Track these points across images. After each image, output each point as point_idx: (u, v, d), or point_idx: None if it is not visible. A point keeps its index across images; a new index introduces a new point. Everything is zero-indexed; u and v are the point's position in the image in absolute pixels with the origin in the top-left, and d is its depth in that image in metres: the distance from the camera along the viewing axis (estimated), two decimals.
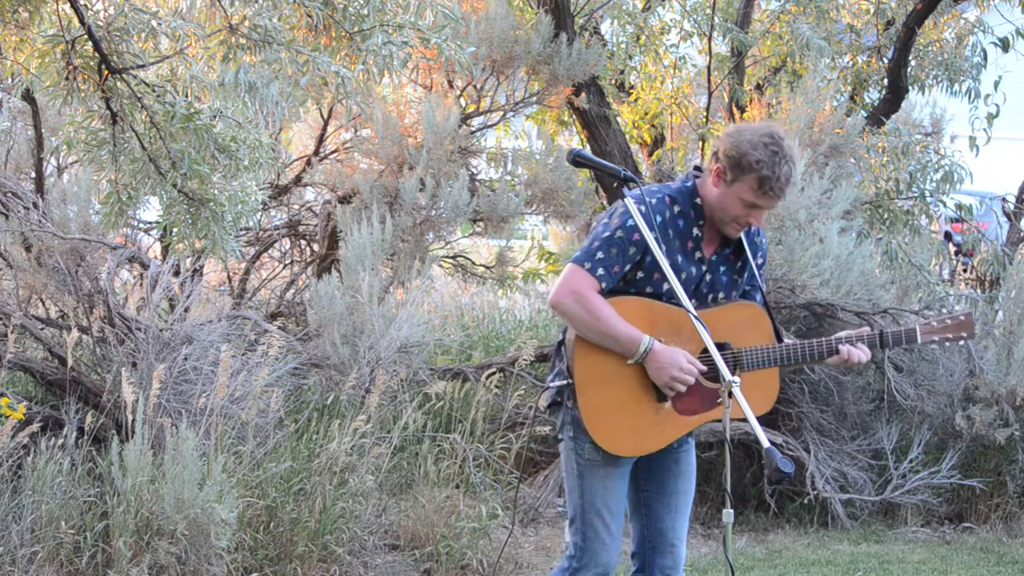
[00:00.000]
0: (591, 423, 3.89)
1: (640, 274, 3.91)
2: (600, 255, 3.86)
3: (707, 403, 3.96)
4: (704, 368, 3.91)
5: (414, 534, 6.08)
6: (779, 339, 4.04)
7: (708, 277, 3.99)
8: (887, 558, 6.63)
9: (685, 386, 3.87)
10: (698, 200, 3.97)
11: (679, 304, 3.87)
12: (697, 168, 4.09)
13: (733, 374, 3.89)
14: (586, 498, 3.96)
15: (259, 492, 5.61)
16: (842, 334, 4.07)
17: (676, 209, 3.94)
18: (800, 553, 6.71)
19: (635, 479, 4.08)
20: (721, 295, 4.03)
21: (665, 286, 3.88)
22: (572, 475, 3.99)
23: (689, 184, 4.00)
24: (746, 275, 4.06)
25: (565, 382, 3.92)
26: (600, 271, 3.84)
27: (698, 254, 3.96)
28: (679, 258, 3.92)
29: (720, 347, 3.92)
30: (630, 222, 3.85)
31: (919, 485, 7.14)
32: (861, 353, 4.00)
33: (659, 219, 3.89)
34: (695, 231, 3.96)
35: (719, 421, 3.90)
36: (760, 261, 4.11)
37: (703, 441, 7.30)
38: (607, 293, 3.88)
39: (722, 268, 4.02)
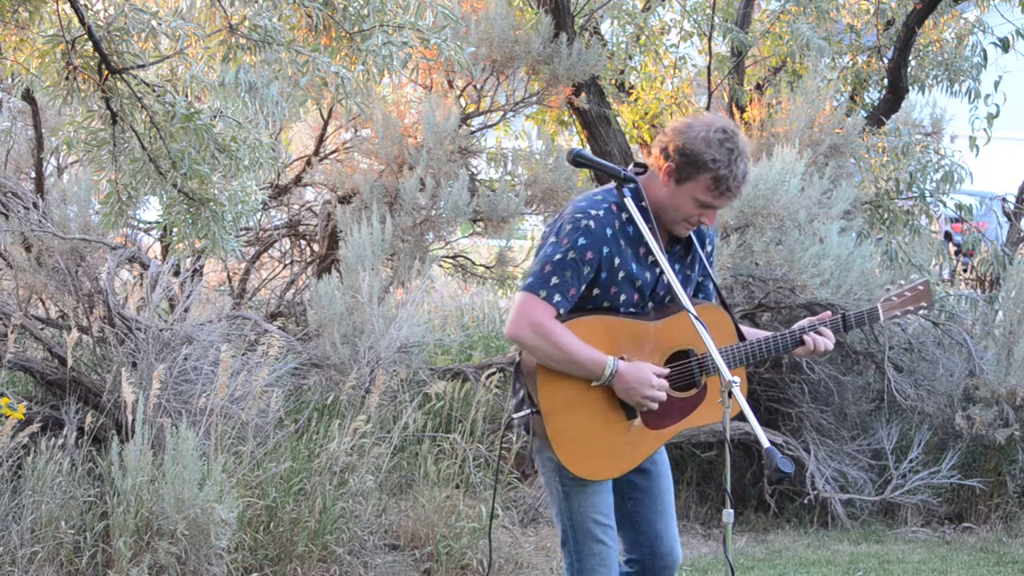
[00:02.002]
0: (562, 451, 3.78)
1: (596, 291, 3.79)
2: (555, 280, 3.71)
3: (677, 414, 3.88)
4: (666, 373, 3.83)
5: (414, 534, 6.08)
6: (740, 336, 3.95)
7: (664, 279, 3.86)
8: (887, 558, 6.63)
9: (654, 405, 3.78)
10: (644, 203, 3.81)
11: (635, 315, 3.82)
12: (638, 165, 3.92)
13: (702, 379, 3.88)
14: (576, 519, 3.87)
15: (259, 492, 5.61)
16: (804, 322, 3.98)
17: (624, 216, 3.79)
18: (800, 553, 6.71)
19: (618, 489, 4.00)
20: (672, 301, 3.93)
21: (622, 297, 3.79)
22: (558, 497, 3.90)
23: (631, 187, 3.82)
24: (697, 268, 3.97)
25: (531, 411, 3.80)
26: (557, 297, 3.70)
27: (651, 258, 3.81)
28: (634, 266, 3.80)
29: (684, 354, 3.88)
30: (581, 241, 3.72)
31: (919, 485, 7.14)
32: (826, 340, 3.92)
33: (610, 232, 3.75)
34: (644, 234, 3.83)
35: (706, 426, 3.87)
36: (709, 249, 4.01)
37: (703, 441, 7.30)
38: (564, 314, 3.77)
39: (675, 266, 3.90)
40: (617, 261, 3.78)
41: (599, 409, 3.79)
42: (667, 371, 3.84)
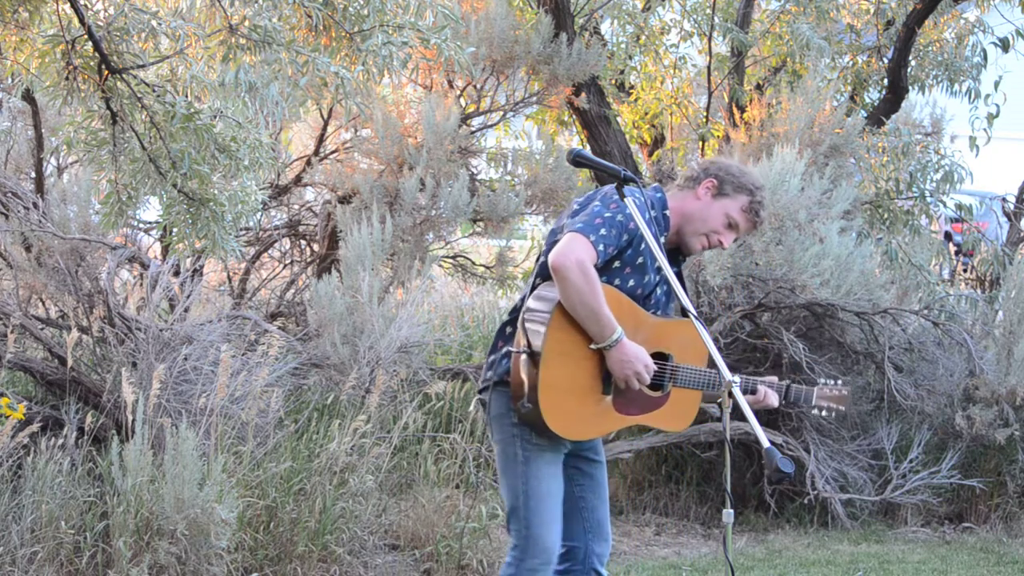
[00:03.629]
0: (543, 393, 3.89)
1: (617, 263, 3.97)
2: (603, 232, 3.88)
3: (641, 407, 4.03)
4: (655, 370, 3.99)
5: (414, 534, 6.08)
6: (710, 363, 4.09)
7: (659, 291, 4.10)
8: (887, 558, 6.63)
9: (639, 385, 3.93)
10: (667, 211, 4.09)
11: (643, 305, 4.00)
12: (660, 182, 4.23)
13: (668, 386, 4.03)
14: (531, 484, 3.98)
15: (259, 492, 5.61)
16: (761, 380, 4.24)
17: (653, 213, 4.03)
18: (800, 553, 6.71)
19: (567, 477, 4.13)
20: (659, 311, 4.12)
21: (630, 282, 3.98)
22: (515, 462, 4.00)
23: (660, 195, 4.10)
24: (673, 303, 4.17)
25: (526, 351, 3.91)
26: (601, 247, 3.87)
27: (657, 263, 4.02)
28: (649, 261, 4.01)
29: (661, 356, 4.02)
30: (627, 211, 3.91)
31: (919, 485, 7.14)
32: (770, 400, 4.18)
33: (646, 217, 3.96)
34: (661, 239, 4.07)
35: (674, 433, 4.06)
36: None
37: (703, 441, 7.31)
38: None
39: (665, 287, 4.12)
40: (643, 246, 3.97)
41: (586, 371, 3.94)
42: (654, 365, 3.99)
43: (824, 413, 4.32)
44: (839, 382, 4.30)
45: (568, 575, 4.15)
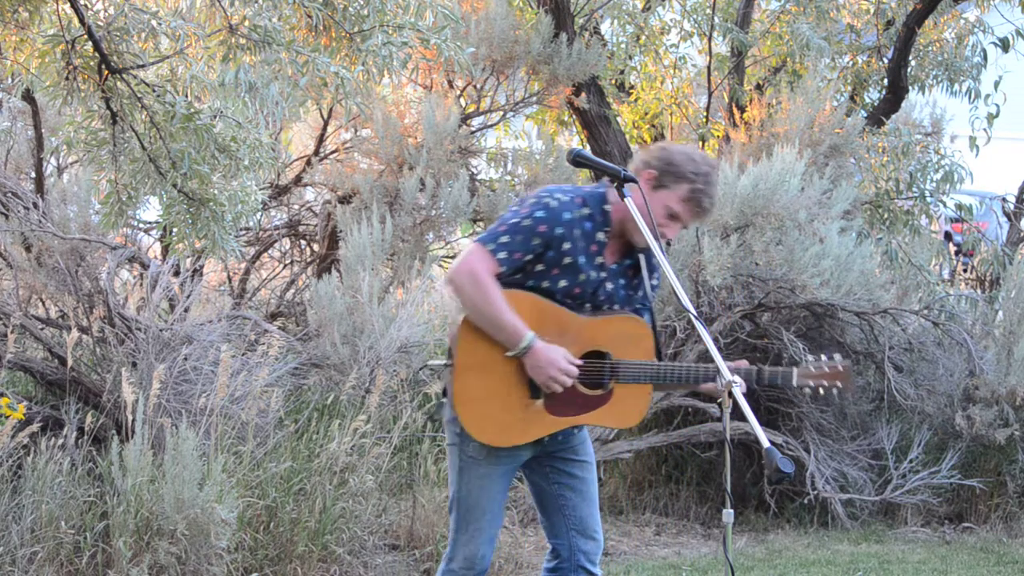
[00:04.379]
0: (462, 406, 3.93)
1: (540, 266, 3.93)
2: (505, 239, 3.87)
3: (578, 408, 3.99)
4: (576, 372, 3.93)
5: (414, 534, 6.08)
6: (659, 356, 4.08)
7: (608, 286, 4.02)
8: (887, 558, 6.63)
9: (562, 387, 3.90)
10: (607, 206, 4.00)
11: (570, 306, 3.94)
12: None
13: (609, 384, 3.97)
14: (463, 493, 4.04)
15: (259, 492, 5.61)
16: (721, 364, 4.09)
17: (585, 211, 3.96)
18: (800, 553, 6.71)
19: (543, 477, 4.14)
20: (616, 307, 4.06)
21: (561, 283, 3.94)
22: (454, 469, 4.08)
23: (601, 190, 4.04)
24: (640, 294, 4.11)
25: (446, 363, 3.98)
26: (502, 254, 3.86)
27: (599, 259, 3.98)
28: (581, 259, 3.95)
29: (599, 355, 3.97)
30: (538, 213, 3.88)
31: (919, 485, 7.14)
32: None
33: (567, 216, 3.91)
34: (600, 235, 3.99)
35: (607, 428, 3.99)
36: (655, 282, 4.16)
37: (703, 441, 7.31)
38: (503, 285, 3.91)
39: (621, 280, 4.06)
40: (566, 246, 3.91)
41: (507, 379, 3.92)
42: (579, 363, 3.94)
43: (822, 392, 4.09)
44: (833, 357, 4.11)
45: (557, 572, 4.16)
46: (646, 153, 4.04)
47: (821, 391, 4.11)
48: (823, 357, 4.11)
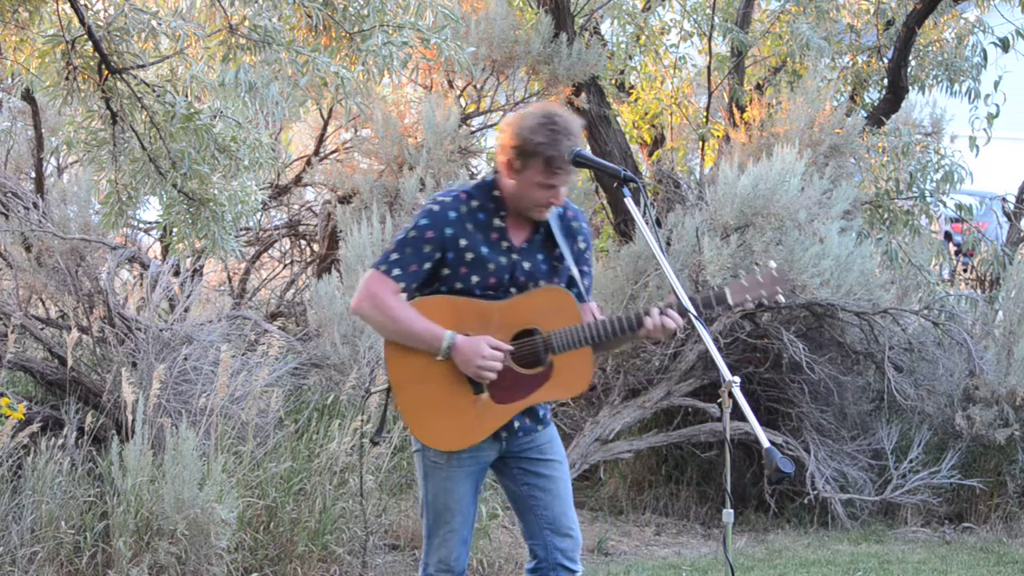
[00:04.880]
0: (412, 422, 3.98)
1: (446, 270, 3.95)
2: (395, 256, 3.92)
3: (524, 389, 3.99)
4: (510, 349, 3.94)
5: (414, 534, 6.08)
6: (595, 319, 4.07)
7: (525, 265, 4.02)
8: (887, 558, 6.63)
9: (494, 372, 3.92)
10: (496, 192, 4.01)
11: (493, 296, 3.96)
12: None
13: (547, 357, 3.96)
14: (429, 498, 4.08)
15: (259, 492, 5.61)
16: (652, 308, 4.07)
17: (473, 204, 3.98)
18: (800, 553, 6.71)
19: (512, 478, 4.16)
20: (542, 282, 4.06)
21: (474, 279, 3.96)
22: (420, 475, 4.13)
23: (489, 179, 4.06)
24: (566, 259, 4.08)
25: (386, 387, 4.03)
26: (396, 271, 3.90)
27: (504, 243, 3.99)
28: (484, 249, 3.97)
29: (528, 333, 3.98)
30: (422, 221, 3.93)
31: (919, 485, 7.14)
32: (671, 321, 3.98)
33: (453, 215, 3.94)
34: (496, 222, 4.00)
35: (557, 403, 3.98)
36: (583, 245, 4.14)
37: (703, 441, 7.31)
38: (414, 294, 3.96)
39: (539, 256, 4.05)
40: (463, 242, 3.94)
41: (446, 383, 3.95)
42: (508, 347, 3.95)
43: (765, 303, 4.02)
44: (767, 264, 4.07)
45: (537, 573, 4.18)
46: (499, 137, 4.01)
47: (764, 302, 4.06)
48: (755, 268, 4.08)
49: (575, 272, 4.07)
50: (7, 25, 4.55)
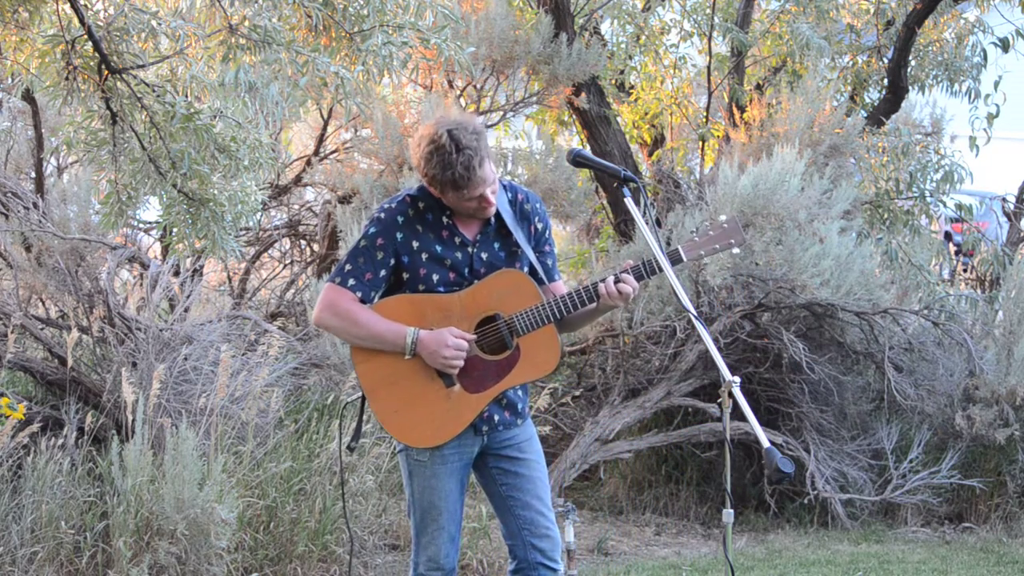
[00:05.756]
0: (388, 423, 4.02)
1: (406, 275, 4.01)
2: (348, 267, 3.98)
3: (495, 376, 4.02)
4: (473, 338, 3.98)
5: None
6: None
7: (483, 255, 4.05)
8: (887, 558, 6.63)
9: (460, 360, 3.95)
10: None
11: (454, 290, 3.99)
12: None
13: (513, 341, 4.00)
14: (416, 496, 4.10)
15: (259, 492, 5.61)
16: (606, 274, 4.11)
17: (420, 205, 4.02)
18: (800, 553, 6.71)
19: (490, 477, 4.17)
20: (496, 269, 4.08)
21: (435, 277, 3.99)
22: (405, 475, 4.15)
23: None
24: (524, 244, 4.10)
25: (360, 395, 4.09)
26: (351, 281, 3.97)
27: (458, 239, 4.03)
28: (438, 247, 4.01)
29: (490, 320, 4.01)
30: (372, 230, 3.99)
31: (919, 485, 7.14)
32: (627, 286, 4.01)
33: (401, 219, 3.99)
34: (445, 219, 4.03)
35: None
36: (540, 226, 4.16)
37: (703, 441, 7.31)
38: (374, 302, 4.00)
39: (495, 245, 4.08)
40: (416, 244, 3.99)
41: (417, 380, 3.99)
42: (471, 335, 3.99)
43: (720, 254, 4.03)
44: (720, 218, 4.09)
45: (518, 573, 4.18)
46: (413, 160, 4.02)
47: (718, 253, 4.08)
48: (706, 223, 4.09)
49: (532, 257, 4.10)
50: (7, 25, 4.55)
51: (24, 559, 5.12)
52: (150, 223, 8.17)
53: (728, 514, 3.71)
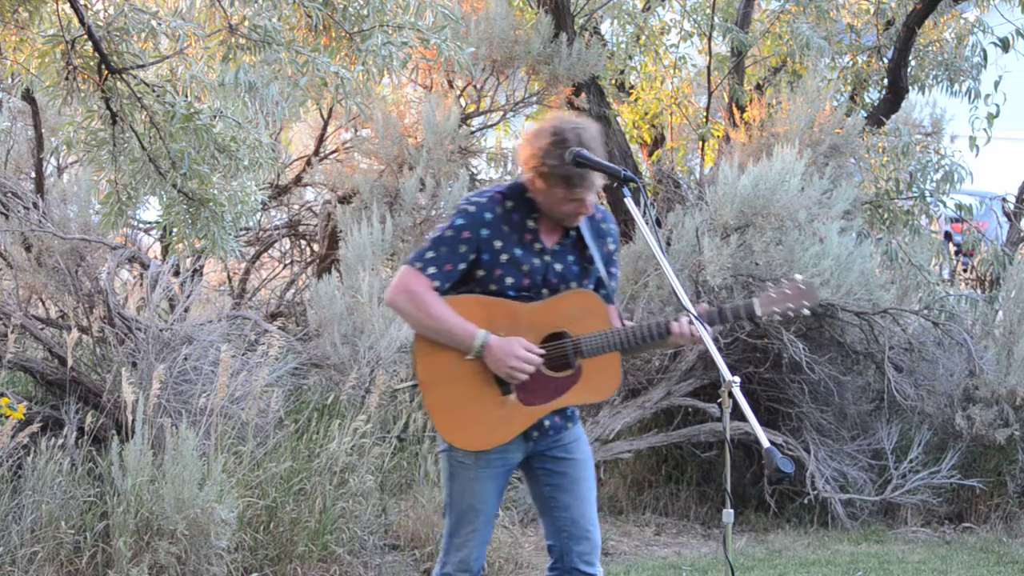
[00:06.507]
0: (438, 419, 3.97)
1: (481, 272, 3.95)
2: (430, 255, 3.92)
3: (552, 392, 3.99)
4: (542, 353, 3.94)
5: (414, 534, 6.08)
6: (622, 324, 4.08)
7: (557, 267, 4.02)
8: (887, 558, 6.63)
9: (525, 374, 3.91)
10: (528, 194, 4.01)
11: (527, 298, 3.96)
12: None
13: (576, 361, 3.97)
14: (455, 498, 4.06)
15: (259, 492, 5.61)
16: (681, 316, 4.07)
17: (509, 204, 3.98)
18: (800, 553, 6.71)
19: (535, 477, 4.14)
20: (573, 284, 4.05)
21: (508, 280, 3.95)
22: (445, 475, 4.11)
23: (520, 181, 4.05)
24: (596, 261, 4.08)
25: (414, 384, 3.97)
26: (431, 269, 3.90)
27: (537, 245, 4.00)
28: (518, 251, 3.97)
29: (557, 336, 3.98)
30: (459, 221, 3.93)
31: (919, 485, 7.14)
32: (701, 331, 3.95)
33: (489, 216, 3.95)
34: (530, 223, 4.00)
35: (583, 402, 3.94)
36: (612, 247, 4.14)
37: (703, 441, 7.31)
38: (447, 293, 3.93)
39: (570, 258, 4.05)
40: (498, 244, 3.94)
41: (474, 382, 3.94)
42: (540, 350, 3.95)
43: (791, 315, 4.01)
44: (793, 277, 4.08)
45: (554, 572, 4.17)
46: (520, 152, 4.01)
47: (790, 314, 4.07)
48: (782, 281, 4.10)
49: (604, 274, 4.07)
50: (7, 25, 4.55)
51: (24, 559, 5.12)
52: (150, 223, 8.17)
53: (728, 514, 3.71)
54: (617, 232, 4.20)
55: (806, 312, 4.06)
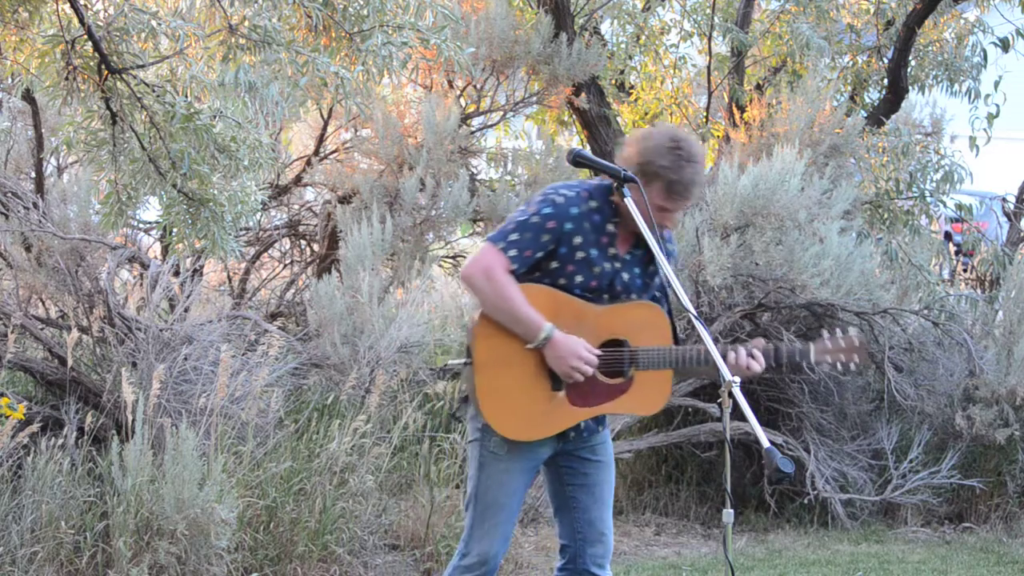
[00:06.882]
0: (484, 401, 3.95)
1: (554, 264, 3.96)
2: (514, 237, 3.91)
3: (600, 397, 4.01)
4: (599, 354, 3.94)
5: (414, 534, 6.08)
6: (676, 341, 4.08)
7: (624, 276, 4.04)
8: (887, 558, 6.63)
9: (583, 375, 3.91)
10: (613, 198, 4.01)
11: (590, 299, 3.96)
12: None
13: (630, 371, 3.98)
14: (481, 490, 4.04)
15: (259, 492, 5.61)
16: (744, 345, 4.11)
17: (593, 204, 3.98)
18: (800, 553, 6.71)
19: (558, 475, 4.14)
20: (634, 296, 4.07)
21: (578, 279, 3.96)
22: (474, 464, 4.08)
23: (607, 183, 4.04)
24: (656, 281, 4.11)
25: (466, 361, 3.99)
26: (513, 251, 3.89)
27: (612, 250, 4.01)
28: (594, 252, 3.97)
29: (617, 344, 3.99)
30: (546, 210, 3.92)
31: (919, 485, 7.14)
32: (755, 363, 4.03)
33: (575, 211, 3.95)
34: (610, 227, 4.01)
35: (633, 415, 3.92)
36: (672, 264, 4.13)
37: (703, 441, 7.31)
38: (518, 279, 3.93)
39: (636, 269, 4.07)
40: (578, 240, 3.95)
41: (527, 372, 3.93)
42: (598, 352, 3.95)
43: (839, 367, 4.07)
44: (848, 331, 4.12)
45: (564, 572, 4.16)
46: (625, 148, 4.03)
47: (839, 366, 4.11)
48: (837, 332, 4.12)
49: (666, 291, 4.09)
50: (7, 25, 4.55)
51: (24, 559, 5.12)
52: (150, 223, 8.17)
53: (728, 514, 3.71)
54: (678, 256, 4.22)
55: (853, 368, 4.12)
